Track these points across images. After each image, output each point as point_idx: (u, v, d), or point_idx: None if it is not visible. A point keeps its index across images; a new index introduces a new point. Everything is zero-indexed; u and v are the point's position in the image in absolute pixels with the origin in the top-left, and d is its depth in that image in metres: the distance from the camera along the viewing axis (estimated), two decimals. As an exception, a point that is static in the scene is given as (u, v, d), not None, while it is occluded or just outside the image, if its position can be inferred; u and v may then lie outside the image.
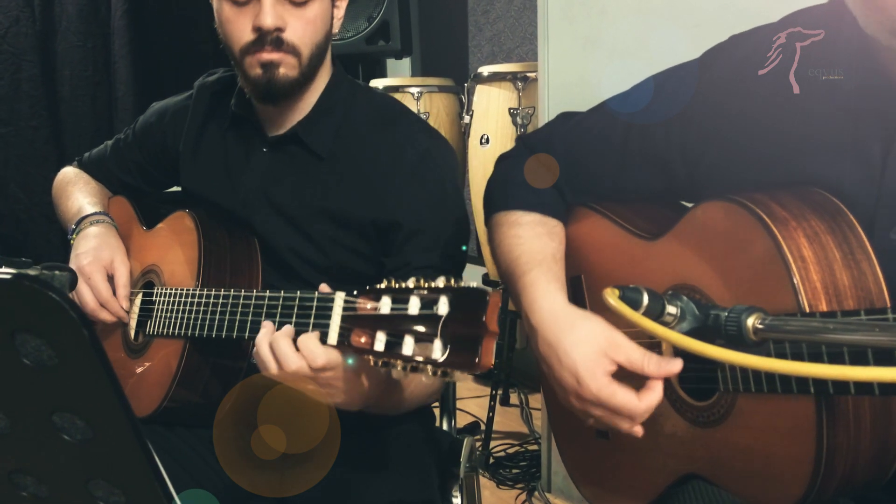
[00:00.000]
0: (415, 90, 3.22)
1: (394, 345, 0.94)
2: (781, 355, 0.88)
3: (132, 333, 1.48)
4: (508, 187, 1.33)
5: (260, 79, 1.35)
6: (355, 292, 1.03)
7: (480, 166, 2.97)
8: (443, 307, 0.91)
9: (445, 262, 1.36)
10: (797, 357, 0.84)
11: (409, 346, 0.92)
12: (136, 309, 1.48)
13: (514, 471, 2.74)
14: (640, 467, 1.19)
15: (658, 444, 1.15)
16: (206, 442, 1.42)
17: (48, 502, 0.51)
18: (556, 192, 1.31)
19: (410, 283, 0.95)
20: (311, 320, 1.09)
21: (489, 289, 0.89)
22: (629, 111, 1.24)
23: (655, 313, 0.72)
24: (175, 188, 2.15)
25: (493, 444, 2.87)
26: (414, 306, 0.94)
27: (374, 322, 0.97)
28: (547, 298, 1.17)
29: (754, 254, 0.98)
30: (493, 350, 0.89)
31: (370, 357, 0.96)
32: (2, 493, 0.51)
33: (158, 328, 1.39)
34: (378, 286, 0.99)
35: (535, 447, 2.84)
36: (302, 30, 1.33)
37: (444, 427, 1.80)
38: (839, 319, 0.64)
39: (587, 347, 1.06)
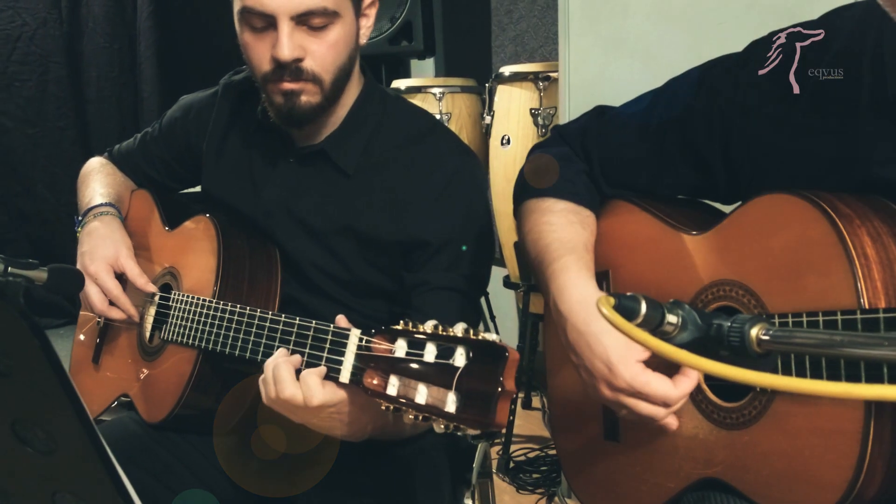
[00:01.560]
0: (437, 91, 3.20)
1: (407, 391, 0.92)
2: (800, 363, 0.85)
3: (147, 335, 1.47)
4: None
5: (282, 107, 1.32)
6: (372, 331, 1.01)
7: (501, 167, 2.94)
8: (459, 359, 0.89)
9: (466, 283, 1.34)
10: (815, 367, 0.81)
11: (422, 395, 0.91)
12: (152, 311, 1.47)
13: (535, 475, 2.71)
14: (651, 471, 1.16)
15: (675, 446, 1.12)
16: (213, 446, 1.41)
17: (17, 515, 0.50)
18: (591, 182, 1.30)
19: (428, 327, 0.93)
20: (325, 354, 1.07)
21: (507, 346, 0.87)
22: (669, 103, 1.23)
23: (654, 323, 0.69)
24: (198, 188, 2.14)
25: (513, 448, 2.84)
26: (430, 353, 0.92)
27: (388, 365, 0.96)
28: (577, 286, 1.15)
29: (815, 248, 0.96)
30: (507, 409, 0.87)
31: (381, 401, 0.95)
32: (-30, 505, 0.50)
33: (173, 335, 1.37)
34: (394, 327, 0.97)
35: (555, 452, 2.80)
36: (322, 56, 1.28)
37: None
38: (847, 332, 0.61)
39: (619, 334, 1.03)
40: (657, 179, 1.25)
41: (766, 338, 0.63)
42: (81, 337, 1.69)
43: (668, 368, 1.04)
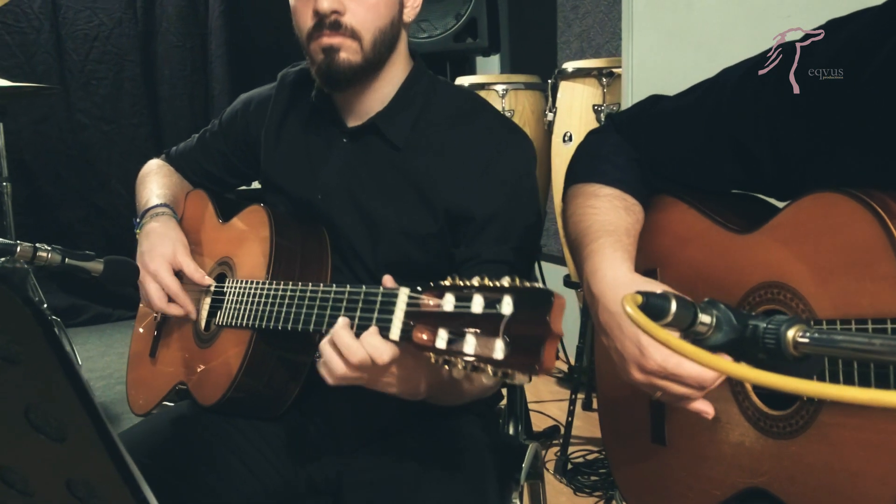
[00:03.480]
0: (500, 87, 3.18)
1: (455, 343, 0.92)
2: (848, 372, 0.81)
3: (203, 324, 1.50)
4: (591, 160, 1.31)
5: (322, 63, 1.35)
6: (419, 288, 1.01)
7: (563, 164, 2.88)
8: (506, 307, 0.89)
9: (515, 256, 1.34)
10: (863, 377, 0.77)
11: (470, 344, 0.91)
12: (207, 300, 1.50)
13: (593, 478, 2.66)
14: (696, 477, 1.14)
15: (721, 453, 1.09)
16: (265, 436, 1.42)
17: (35, 501, 0.50)
18: (640, 172, 1.28)
19: (475, 281, 0.94)
20: (375, 315, 1.08)
21: (554, 291, 0.87)
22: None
23: (686, 323, 0.66)
24: (255, 186, 2.18)
25: (571, 449, 2.80)
26: (477, 305, 0.92)
27: (436, 319, 0.96)
28: (611, 267, 1.12)
29: (865, 251, 0.92)
30: (555, 353, 0.87)
31: (431, 354, 0.95)
32: (-7, 489, 0.51)
33: (227, 319, 1.40)
34: (442, 283, 0.98)
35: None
36: (363, 14, 1.32)
37: (511, 431, 1.76)
38: (888, 336, 0.58)
39: None
40: (704, 175, 1.22)
41: (804, 340, 0.60)
42: (141, 330, 1.73)
43: None
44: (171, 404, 1.55)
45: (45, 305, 3.34)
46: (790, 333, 0.60)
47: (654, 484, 1.23)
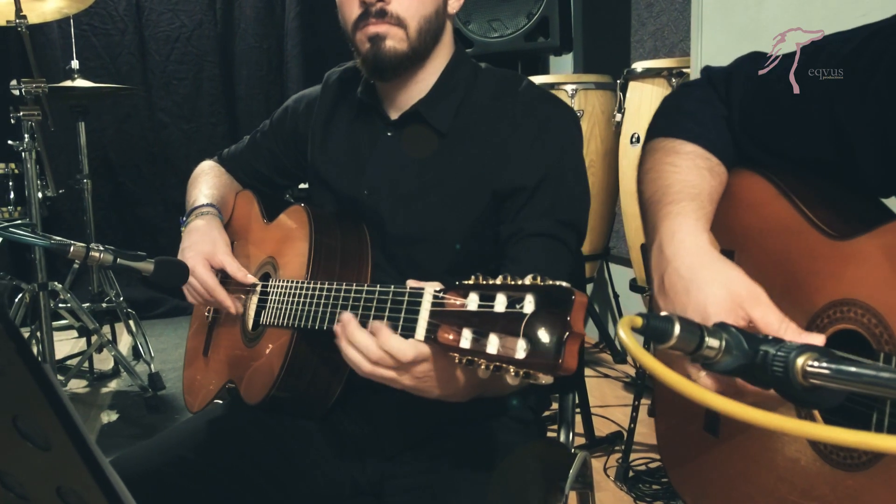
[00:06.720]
0: (569, 87, 3.15)
1: (479, 342, 0.91)
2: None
3: (250, 323, 1.52)
4: (675, 114, 1.23)
5: (368, 53, 1.36)
6: (443, 287, 1.01)
7: (630, 167, 2.85)
8: (528, 306, 0.87)
9: (563, 230, 1.32)
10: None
11: (493, 344, 0.90)
12: (254, 299, 1.52)
13: (655, 487, 2.60)
14: (744, 479, 1.07)
15: (774, 463, 1.03)
16: (310, 436, 1.44)
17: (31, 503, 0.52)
18: (728, 132, 1.19)
19: (499, 279, 0.93)
20: (402, 315, 1.08)
21: (575, 289, 0.84)
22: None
23: (692, 347, 0.63)
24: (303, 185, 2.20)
25: (634, 456, 2.74)
26: (500, 304, 0.91)
27: (461, 318, 0.95)
28: (691, 233, 1.06)
29: None
30: (576, 352, 0.85)
31: (455, 354, 0.94)
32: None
33: (271, 319, 1.42)
34: (466, 282, 0.97)
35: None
36: (408, 1, 1.34)
37: (562, 439, 1.74)
38: (893, 370, 0.53)
39: (724, 290, 0.95)
40: (798, 148, 1.12)
41: (813, 370, 0.55)
42: (195, 328, 1.77)
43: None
44: (222, 402, 1.59)
45: (122, 298, 3.46)
46: (799, 362, 0.56)
47: (700, 474, 1.17)
